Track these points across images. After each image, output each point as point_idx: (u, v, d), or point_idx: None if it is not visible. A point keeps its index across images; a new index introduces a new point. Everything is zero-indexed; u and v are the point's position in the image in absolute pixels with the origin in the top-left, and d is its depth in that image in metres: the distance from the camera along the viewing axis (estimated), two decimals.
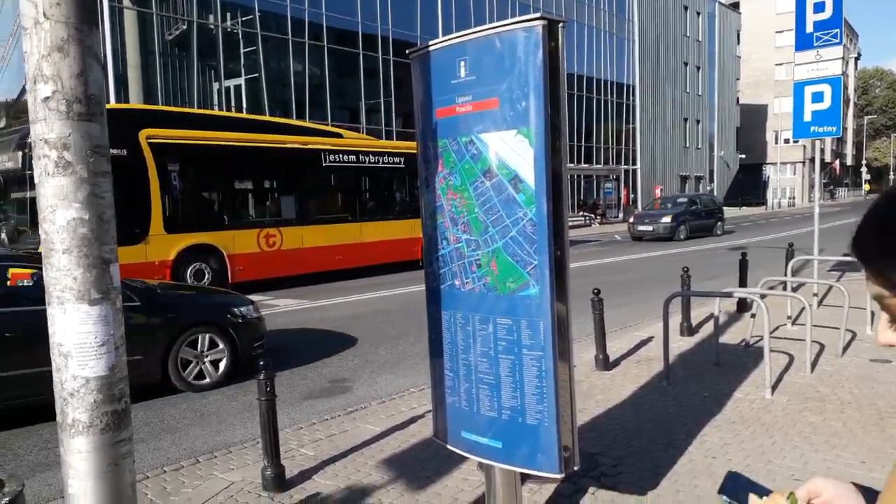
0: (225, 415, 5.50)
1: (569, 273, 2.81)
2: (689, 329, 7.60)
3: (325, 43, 29.35)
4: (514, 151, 2.80)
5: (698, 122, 53.25)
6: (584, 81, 40.57)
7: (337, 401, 5.78)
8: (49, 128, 1.85)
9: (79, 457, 1.82)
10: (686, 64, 51.42)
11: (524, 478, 3.26)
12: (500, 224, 2.88)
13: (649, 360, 6.47)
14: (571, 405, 2.84)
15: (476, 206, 2.96)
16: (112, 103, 19.61)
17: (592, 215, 36.98)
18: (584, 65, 40.87)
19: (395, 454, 4.29)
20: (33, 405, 5.10)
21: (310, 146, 14.34)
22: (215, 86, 27.41)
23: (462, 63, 2.93)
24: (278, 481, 3.79)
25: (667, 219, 23.12)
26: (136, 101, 23.67)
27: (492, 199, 2.92)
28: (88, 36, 1.89)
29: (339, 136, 15.87)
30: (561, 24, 2.71)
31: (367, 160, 15.42)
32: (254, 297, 12.02)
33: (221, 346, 6.31)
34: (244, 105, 27.74)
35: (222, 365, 6.34)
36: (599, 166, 42.02)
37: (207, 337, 6.25)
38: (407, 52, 3.41)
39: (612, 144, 43.82)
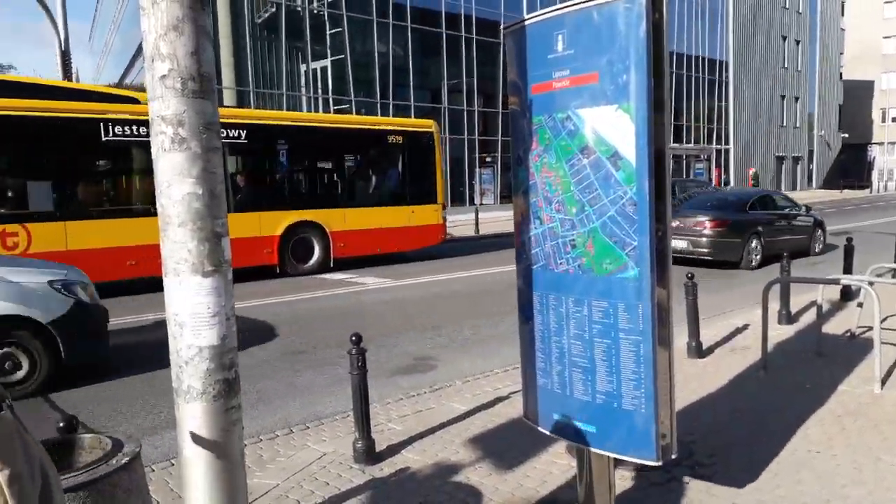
0: (316, 388, 5.68)
1: (670, 255, 2.70)
2: (788, 317, 7.23)
3: (409, 23, 29.44)
4: (613, 127, 2.70)
5: (797, 99, 50.33)
6: (673, 57, 39.03)
7: (422, 378, 5.85)
8: (165, 105, 1.92)
9: (193, 421, 1.90)
10: (784, 38, 48.57)
11: (616, 463, 3.19)
12: (598, 203, 2.79)
13: (745, 349, 6.20)
14: (670, 392, 2.75)
15: (572, 185, 2.88)
16: None
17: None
18: (673, 40, 39.30)
19: (482, 433, 4.30)
20: None
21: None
22: (302, 67, 28.08)
23: (560, 37, 2.85)
24: (369, 454, 3.88)
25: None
26: (227, 85, 24.56)
27: (589, 176, 2.83)
28: (201, 15, 1.94)
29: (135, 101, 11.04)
30: None
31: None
32: (340, 275, 12.41)
33: None
34: (330, 86, 28.29)
35: None
36: (689, 146, 40.50)
37: None
38: (501, 27, 3.34)
39: (703, 123, 42.09)
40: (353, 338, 3.91)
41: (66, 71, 15.06)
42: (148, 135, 8.65)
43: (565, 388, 2.95)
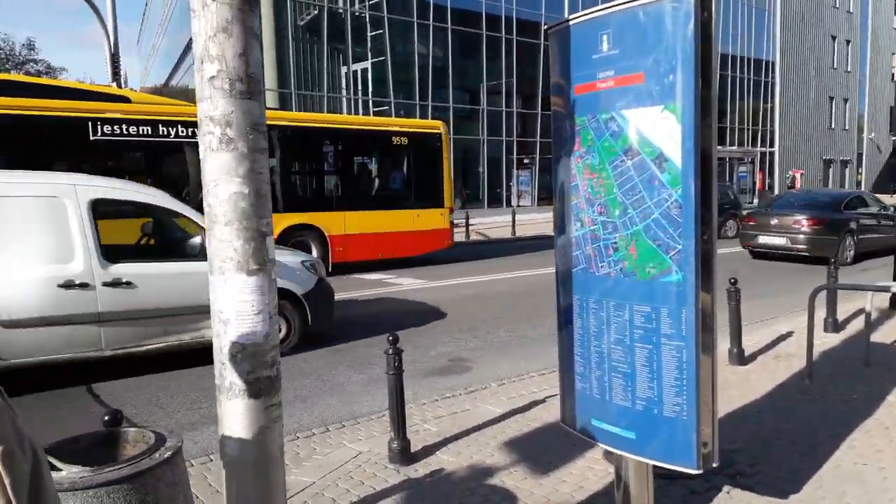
0: (353, 386, 5.72)
1: (716, 260, 2.64)
2: (834, 325, 7.02)
3: (449, 24, 29.49)
4: (659, 128, 2.65)
5: (846, 100, 48.90)
6: (717, 60, 38.33)
7: (457, 380, 5.85)
8: (214, 105, 1.94)
9: (234, 418, 1.93)
10: (834, 37, 47.23)
11: (655, 470, 3.13)
12: (641, 206, 2.74)
13: (789, 357, 6.04)
14: (713, 400, 2.69)
15: (615, 187, 2.84)
16: None
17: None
18: (718, 40, 38.57)
19: (517, 437, 4.27)
20: None
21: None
22: (343, 69, 28.35)
23: (604, 37, 2.81)
24: (404, 454, 3.89)
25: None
26: (270, 86, 24.92)
27: (633, 178, 2.79)
28: (250, 16, 1.97)
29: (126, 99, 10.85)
30: None
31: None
32: (377, 276, 12.48)
33: None
34: (370, 88, 28.49)
35: None
36: (733, 148, 39.67)
37: None
38: (544, 27, 3.31)
39: (748, 125, 41.21)
40: (390, 338, 3.93)
41: (116, 73, 15.48)
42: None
43: (604, 394, 2.91)
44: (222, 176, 1.94)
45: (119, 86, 15.44)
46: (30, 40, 38.70)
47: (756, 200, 37.17)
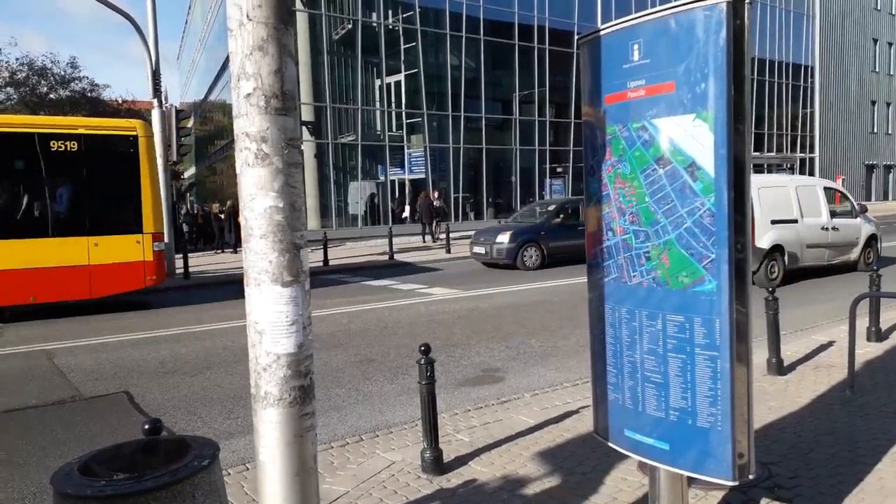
0: (385, 396, 5.75)
1: (750, 268, 2.61)
2: (877, 334, 6.82)
3: (482, 35, 29.62)
4: (691, 137, 2.64)
5: (888, 104, 47.61)
6: (754, 63, 37.70)
7: (490, 390, 5.84)
8: (250, 122, 2.00)
9: (269, 427, 1.97)
10: (875, 40, 46.13)
11: (689, 481, 3.09)
12: (674, 214, 2.73)
13: (829, 367, 5.89)
14: (748, 410, 2.64)
15: (646, 196, 2.83)
16: None
17: None
18: (755, 45, 37.99)
19: (550, 448, 4.25)
20: None
21: None
22: (377, 82, 28.66)
23: (635, 46, 2.81)
24: (437, 464, 3.90)
25: (503, 238, 14.87)
26: (305, 100, 25.33)
27: (664, 187, 2.77)
28: (285, 35, 2.02)
29: None
30: (748, 1, 2.52)
31: None
32: (409, 286, 12.55)
33: None
34: (403, 100, 28.74)
35: None
36: (771, 154, 38.96)
37: None
38: (576, 38, 3.32)
39: (787, 131, 40.41)
40: (422, 348, 3.95)
41: (157, 89, 15.90)
42: None
43: (637, 404, 2.89)
44: (258, 190, 1.99)
45: (160, 102, 15.86)
46: (73, 58, 39.87)
47: None
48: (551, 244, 14.94)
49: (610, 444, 3.06)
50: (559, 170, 32.80)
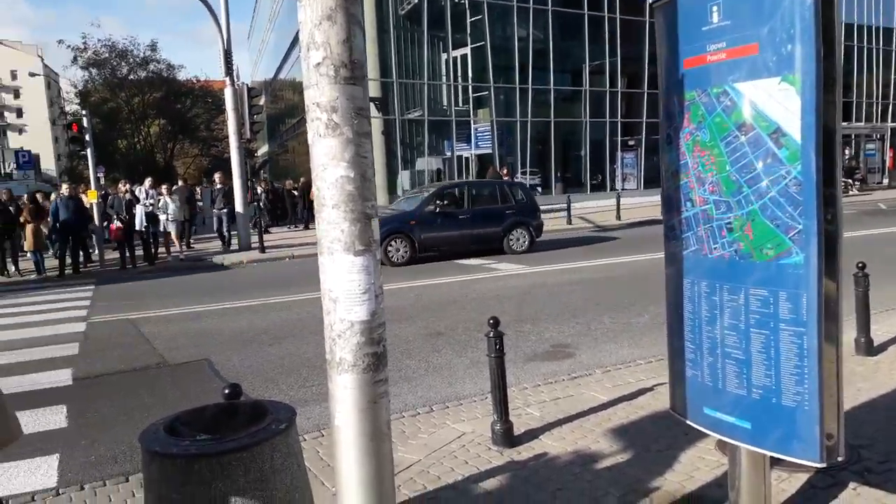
0: (454, 368, 5.79)
1: (841, 240, 2.46)
2: None
3: (550, 6, 28.96)
4: (776, 101, 2.49)
5: None
6: (841, 27, 35.44)
7: (559, 365, 5.78)
8: (320, 92, 2.01)
9: (344, 392, 2.00)
10: None
11: (772, 462, 2.97)
12: (757, 183, 2.59)
13: None
14: (838, 390, 2.51)
15: (727, 164, 2.70)
16: None
17: (850, 181, 32.27)
18: (842, 8, 35.66)
19: (623, 424, 4.17)
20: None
21: None
22: (443, 56, 28.53)
23: (714, 8, 2.67)
24: (507, 437, 3.89)
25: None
26: (372, 76, 25.47)
27: (747, 155, 2.63)
28: (352, 4, 2.01)
29: None
30: None
31: None
32: (477, 261, 12.54)
33: None
34: (469, 74, 28.53)
35: None
36: (860, 124, 36.70)
37: None
38: (649, 2, 3.18)
39: (877, 99, 37.96)
40: (491, 321, 3.93)
41: (229, 68, 16.33)
42: None
43: (717, 381, 2.78)
44: (329, 160, 2.00)
45: (232, 80, 16.29)
46: (153, 41, 41.48)
47: (886, 180, 34.20)
48: (423, 235, 12.93)
49: (688, 422, 2.97)
50: (631, 143, 31.91)
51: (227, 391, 2.49)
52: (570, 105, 30.77)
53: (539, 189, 30.45)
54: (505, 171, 24.31)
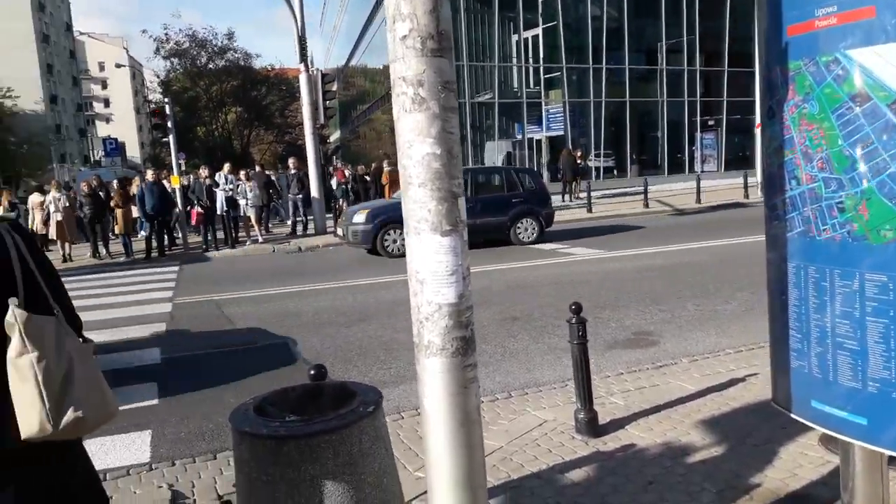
0: (531, 354, 5.68)
1: None
2: None
3: None
4: (895, 68, 2.26)
5: None
6: None
7: (643, 353, 5.58)
8: (406, 65, 1.93)
9: (433, 376, 1.94)
10: None
11: (890, 460, 2.74)
12: (874, 158, 2.36)
13: None
14: None
15: (839, 138, 2.47)
16: None
17: None
18: None
19: (715, 416, 3.97)
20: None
21: None
22: (514, 37, 28.13)
23: None
24: (592, 426, 3.76)
25: (360, 217, 12.52)
26: None
27: (863, 127, 2.40)
28: None
29: None
30: None
31: None
32: (551, 246, 12.33)
33: None
34: (541, 55, 28.03)
35: None
36: None
37: None
38: None
39: None
40: (573, 306, 3.79)
41: (304, 54, 16.58)
42: None
43: (827, 373, 2.57)
44: (415, 137, 1.93)
45: (307, 67, 16.54)
46: (230, 30, 42.82)
47: None
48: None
49: (792, 416, 2.76)
50: (711, 123, 30.65)
51: (312, 372, 2.49)
52: (646, 85, 29.80)
53: (614, 171, 29.72)
54: (579, 154, 23.81)
